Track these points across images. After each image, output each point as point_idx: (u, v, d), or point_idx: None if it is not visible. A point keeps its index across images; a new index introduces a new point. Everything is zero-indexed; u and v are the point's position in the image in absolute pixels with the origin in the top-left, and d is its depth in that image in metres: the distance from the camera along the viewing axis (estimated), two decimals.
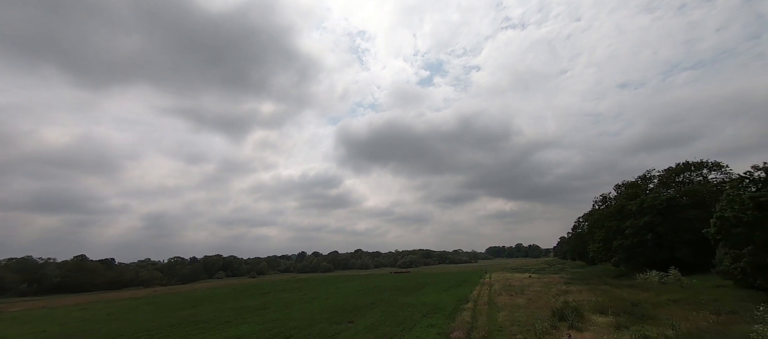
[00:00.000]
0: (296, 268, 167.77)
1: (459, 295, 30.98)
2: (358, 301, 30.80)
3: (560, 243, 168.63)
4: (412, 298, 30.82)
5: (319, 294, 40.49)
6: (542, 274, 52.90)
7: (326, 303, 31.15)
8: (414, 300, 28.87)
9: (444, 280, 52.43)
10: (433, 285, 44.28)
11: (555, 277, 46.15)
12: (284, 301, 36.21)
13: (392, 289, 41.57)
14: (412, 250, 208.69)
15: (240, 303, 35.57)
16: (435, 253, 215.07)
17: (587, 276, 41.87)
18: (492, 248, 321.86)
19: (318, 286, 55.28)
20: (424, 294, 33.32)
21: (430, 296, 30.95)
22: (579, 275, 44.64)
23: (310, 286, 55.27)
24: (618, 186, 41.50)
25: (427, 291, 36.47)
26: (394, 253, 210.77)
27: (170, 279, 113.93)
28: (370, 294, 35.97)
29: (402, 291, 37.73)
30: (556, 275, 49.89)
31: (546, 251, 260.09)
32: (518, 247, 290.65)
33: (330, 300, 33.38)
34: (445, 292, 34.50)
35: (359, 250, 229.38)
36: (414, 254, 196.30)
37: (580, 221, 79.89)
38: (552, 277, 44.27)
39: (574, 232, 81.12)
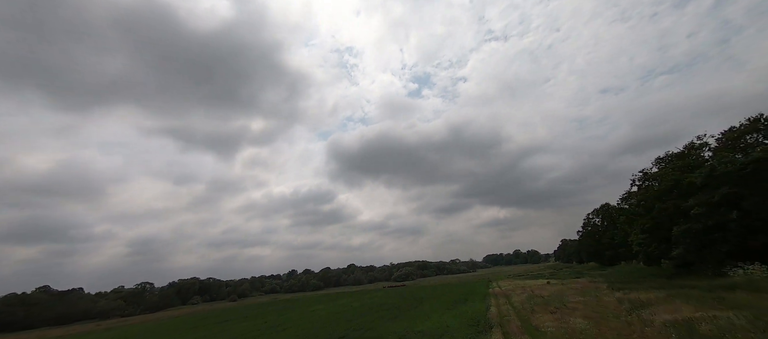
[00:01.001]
0: (283, 288, 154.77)
1: (470, 313, 21.76)
2: (325, 332, 21.24)
3: (562, 246, 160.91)
4: (403, 322, 21.45)
5: (284, 321, 30.65)
6: (563, 280, 43.93)
7: (276, 338, 21.54)
8: (406, 326, 19.51)
9: (445, 294, 42.99)
10: (433, 300, 34.89)
11: (583, 281, 37.22)
12: (231, 335, 26.37)
13: (380, 308, 31.98)
14: (407, 263, 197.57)
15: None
16: (432, 264, 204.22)
17: (630, 278, 33.10)
18: (490, 256, 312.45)
19: (290, 310, 45.07)
20: (421, 315, 23.98)
21: (430, 319, 21.64)
22: (617, 278, 35.75)
23: (282, 311, 44.99)
24: (659, 160, 33.46)
25: (426, 310, 27.10)
26: (389, 267, 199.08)
27: (135, 308, 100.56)
28: (349, 319, 26.42)
29: (392, 311, 28.27)
30: (581, 279, 41.00)
31: (545, 257, 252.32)
32: (516, 253, 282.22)
33: (288, 331, 23.72)
34: (449, 310, 25.21)
35: (352, 265, 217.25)
36: (410, 266, 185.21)
37: (590, 218, 71.98)
38: (581, 283, 35.33)
39: (584, 230, 72.97)
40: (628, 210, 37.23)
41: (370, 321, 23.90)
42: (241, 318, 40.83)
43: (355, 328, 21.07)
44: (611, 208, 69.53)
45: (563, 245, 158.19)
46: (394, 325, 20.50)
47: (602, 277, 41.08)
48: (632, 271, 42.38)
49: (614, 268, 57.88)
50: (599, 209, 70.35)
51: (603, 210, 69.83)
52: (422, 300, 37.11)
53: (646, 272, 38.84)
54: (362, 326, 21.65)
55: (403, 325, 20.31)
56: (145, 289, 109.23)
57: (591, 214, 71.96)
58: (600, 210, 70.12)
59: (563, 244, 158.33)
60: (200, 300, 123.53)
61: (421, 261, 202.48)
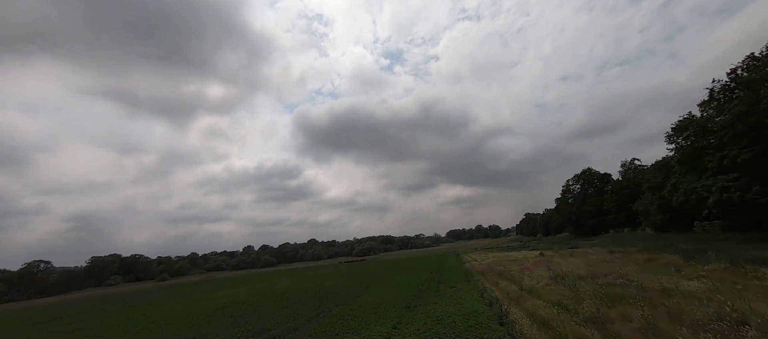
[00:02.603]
0: (230, 265, 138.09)
1: (466, 303, 9.79)
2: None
3: (525, 220, 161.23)
4: (332, 318, 8.86)
5: (156, 314, 17.05)
6: (552, 251, 34.39)
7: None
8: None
9: (410, 269, 31.66)
10: (394, 277, 23.17)
11: (599, 252, 27.37)
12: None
13: (314, 295, 19.47)
14: (370, 237, 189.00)
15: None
16: (396, 239, 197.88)
17: (650, 245, 23.51)
18: (453, 231, 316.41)
19: (177, 298, 31.29)
20: (367, 305, 11.70)
21: (381, 324, 9.29)
22: (649, 245, 26.00)
23: (156, 302, 31.01)
24: (705, 103, 22.48)
25: (378, 291, 14.99)
26: (352, 241, 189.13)
27: (22, 293, 79.45)
28: (249, 313, 13.61)
29: (328, 300, 15.90)
30: (581, 250, 31.50)
31: (506, 231, 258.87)
32: (478, 228, 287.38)
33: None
34: (417, 303, 13.20)
35: (313, 241, 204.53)
36: (373, 241, 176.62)
37: (570, 184, 64.98)
38: (598, 254, 25.23)
39: (563, 197, 66.02)
40: (714, 132, 22.06)
41: (279, 320, 11.21)
42: (74, 317, 26.27)
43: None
44: (593, 173, 62.75)
45: (526, 219, 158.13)
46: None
47: (616, 245, 31.79)
48: (654, 238, 33.85)
49: (607, 236, 50.17)
50: (580, 175, 63.33)
51: (585, 176, 62.83)
52: (378, 279, 25.26)
53: (677, 238, 30.15)
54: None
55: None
56: (35, 269, 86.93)
57: (571, 180, 64.97)
58: (582, 175, 63.09)
59: (526, 218, 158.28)
60: (121, 280, 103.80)
61: (385, 235, 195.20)
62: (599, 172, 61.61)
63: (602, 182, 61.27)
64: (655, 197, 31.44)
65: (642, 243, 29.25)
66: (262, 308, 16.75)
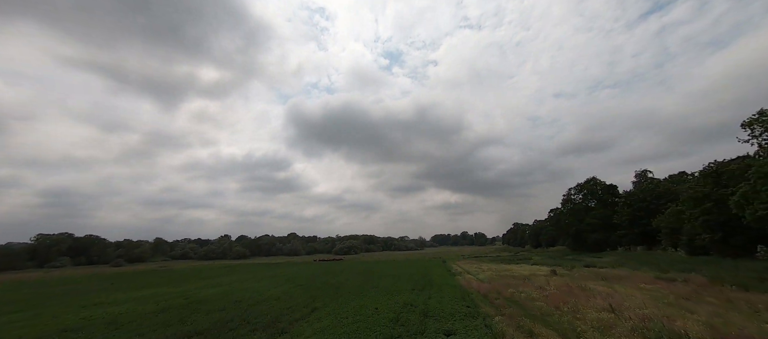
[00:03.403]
0: (198, 254, 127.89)
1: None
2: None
3: (513, 230, 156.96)
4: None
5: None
6: (568, 269, 28.03)
7: None
8: None
9: (387, 279, 24.61)
10: (363, 293, 16.12)
11: (628, 278, 20.96)
12: None
13: (237, 315, 12.08)
14: (352, 235, 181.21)
15: None
16: (379, 239, 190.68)
17: (709, 271, 17.39)
18: (438, 236, 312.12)
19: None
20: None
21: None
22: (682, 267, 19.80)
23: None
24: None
25: (327, 321, 7.77)
26: (333, 239, 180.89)
27: None
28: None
29: (247, 324, 8.60)
30: (607, 272, 25.16)
31: (492, 240, 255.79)
32: (464, 235, 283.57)
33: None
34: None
35: (292, 234, 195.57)
36: (355, 239, 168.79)
37: (571, 194, 59.31)
38: (619, 280, 18.77)
39: (563, 207, 60.27)
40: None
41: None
42: None
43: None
44: (598, 183, 57.24)
45: (514, 229, 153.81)
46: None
47: (649, 267, 25.54)
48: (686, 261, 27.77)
49: (620, 254, 44.44)
50: (584, 184, 57.74)
51: (588, 186, 57.26)
52: (338, 292, 18.13)
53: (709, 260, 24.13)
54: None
55: None
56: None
57: (572, 189, 59.34)
58: (585, 185, 57.50)
59: (515, 228, 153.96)
60: (69, 262, 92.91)
61: (368, 235, 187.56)
62: (604, 183, 56.18)
63: (606, 194, 55.83)
64: (697, 211, 25.59)
65: (680, 265, 23.03)
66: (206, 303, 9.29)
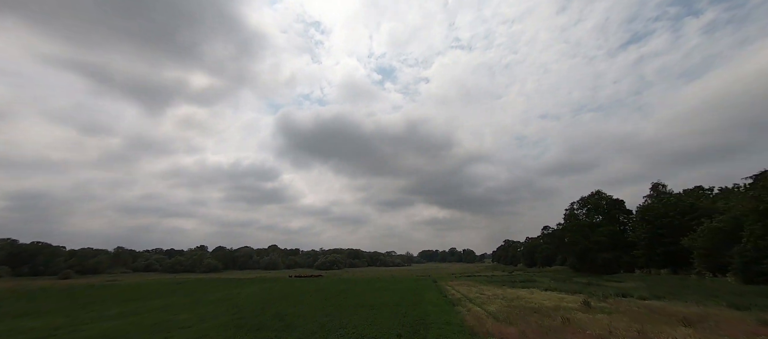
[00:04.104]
0: (164, 266, 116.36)
1: None
2: None
3: (503, 247, 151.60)
4: None
5: None
6: (583, 292, 21.86)
7: None
8: None
9: (367, 310, 17.77)
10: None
11: (700, 320, 14.89)
12: None
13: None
14: (336, 249, 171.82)
15: None
16: (365, 254, 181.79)
17: None
18: (425, 252, 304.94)
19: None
20: None
21: None
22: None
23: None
24: None
25: None
26: (316, 252, 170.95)
27: None
28: None
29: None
30: (650, 305, 19.10)
31: (480, 257, 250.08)
32: (452, 251, 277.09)
33: None
34: None
35: (273, 247, 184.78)
36: (339, 253, 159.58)
37: (575, 209, 54.10)
38: (694, 325, 12.74)
39: (566, 223, 54.83)
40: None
41: None
42: None
43: None
44: (603, 197, 52.28)
45: (505, 246, 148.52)
46: None
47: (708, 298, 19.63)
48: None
49: (642, 277, 38.34)
50: (588, 198, 52.69)
51: (593, 200, 52.23)
52: (287, 329, 11.35)
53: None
54: None
55: None
56: None
57: (576, 203, 54.20)
58: (589, 199, 52.44)
59: (506, 245, 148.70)
60: (9, 271, 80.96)
61: (353, 249, 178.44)
62: (611, 197, 51.29)
63: (613, 209, 50.84)
64: (759, 227, 20.30)
65: (755, 299, 17.16)
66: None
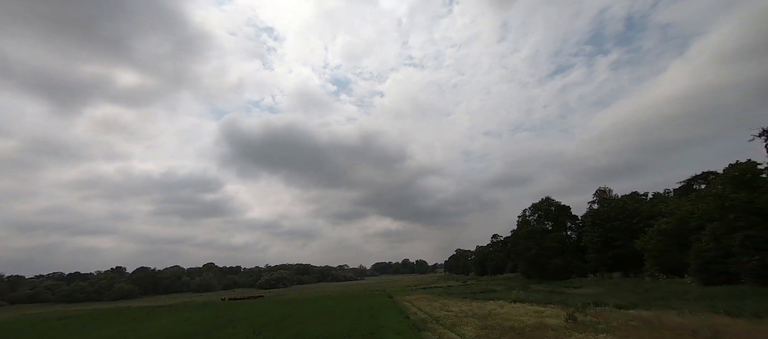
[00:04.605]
0: (58, 294, 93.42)
1: None
2: None
3: (455, 257, 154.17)
4: None
5: None
6: (552, 302, 19.62)
7: None
8: None
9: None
10: None
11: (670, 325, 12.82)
12: None
13: None
14: (282, 265, 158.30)
15: None
16: (315, 269, 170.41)
17: None
18: (378, 264, 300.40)
19: None
20: None
21: None
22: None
23: None
24: None
25: None
26: (260, 270, 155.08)
27: None
28: None
29: None
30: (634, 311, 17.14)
31: (433, 267, 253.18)
32: (405, 262, 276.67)
33: None
34: None
35: (208, 265, 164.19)
36: (286, 270, 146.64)
37: (527, 215, 54.80)
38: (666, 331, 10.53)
39: (519, 230, 55.06)
40: None
41: None
42: None
43: None
44: (552, 203, 53.74)
45: (457, 256, 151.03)
46: None
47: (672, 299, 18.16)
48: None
49: (596, 282, 38.51)
50: (539, 204, 53.77)
51: (543, 206, 53.37)
52: None
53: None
54: None
55: None
56: None
57: (528, 210, 54.99)
58: (540, 205, 53.51)
59: (457, 255, 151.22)
60: None
61: (302, 264, 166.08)
62: (559, 203, 52.91)
63: (562, 215, 52.39)
64: (720, 226, 20.12)
65: (732, 302, 16.07)
66: None
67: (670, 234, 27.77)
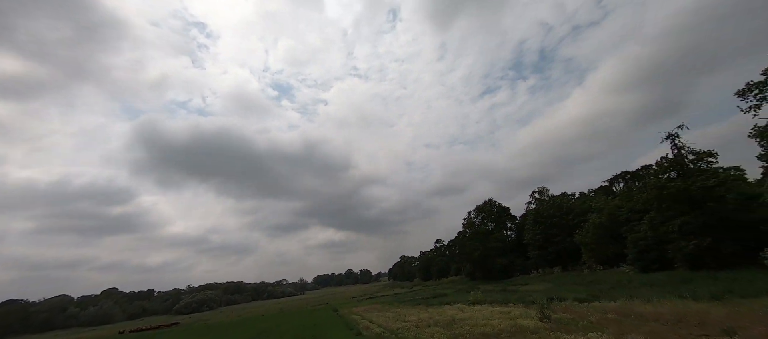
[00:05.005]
0: None
1: None
2: None
3: (399, 264, 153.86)
4: None
5: None
6: (511, 301, 18.49)
7: None
8: None
9: None
10: None
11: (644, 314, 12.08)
12: None
13: None
14: (208, 285, 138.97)
15: None
16: (248, 287, 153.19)
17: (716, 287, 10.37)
18: (320, 277, 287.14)
19: None
20: None
21: None
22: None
23: None
24: None
25: None
26: (179, 292, 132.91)
27: None
28: None
29: None
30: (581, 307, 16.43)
31: (377, 276, 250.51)
32: (348, 273, 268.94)
33: None
34: None
35: (109, 291, 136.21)
36: (213, 290, 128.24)
37: (472, 217, 55.78)
38: (647, 320, 9.68)
39: (465, 232, 55.60)
40: None
41: None
42: None
43: None
44: (493, 204, 55.72)
45: (401, 263, 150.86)
46: None
47: (613, 289, 18.05)
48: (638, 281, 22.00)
49: (541, 277, 39.33)
50: (483, 206, 55.28)
51: (487, 207, 54.99)
52: None
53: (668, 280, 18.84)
54: None
55: None
56: None
57: (473, 212, 56.09)
58: (484, 207, 55.03)
59: (401, 262, 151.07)
60: None
61: (233, 283, 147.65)
62: (501, 205, 55.09)
63: (502, 215, 54.53)
64: (657, 216, 21.47)
65: (682, 287, 16.44)
66: None
67: (604, 227, 29.85)
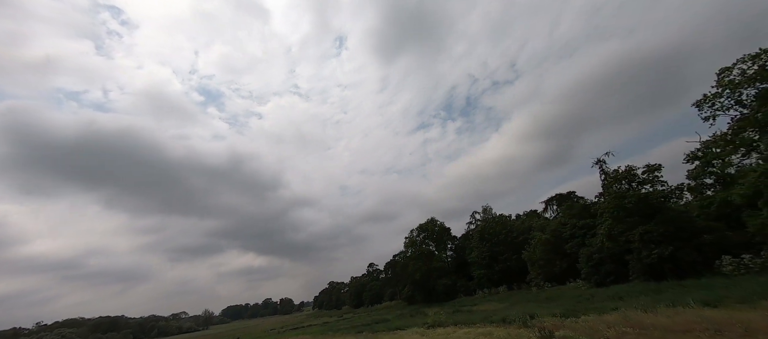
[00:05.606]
0: None
1: None
2: None
3: (327, 290, 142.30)
4: None
5: None
6: (470, 321, 16.05)
7: None
8: None
9: None
10: None
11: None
12: None
13: None
14: (72, 319, 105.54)
15: None
16: (130, 323, 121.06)
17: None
18: (231, 308, 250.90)
19: None
20: None
21: None
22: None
23: None
24: None
25: None
26: (15, 332, 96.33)
27: None
28: None
29: None
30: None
31: (299, 306, 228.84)
32: (266, 303, 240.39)
33: None
34: None
35: None
36: (75, 328, 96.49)
37: (415, 236, 53.52)
38: None
39: (408, 251, 52.72)
40: None
41: None
42: None
43: None
44: (436, 222, 54.90)
45: (329, 290, 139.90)
46: None
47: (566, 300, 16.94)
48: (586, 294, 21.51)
49: (489, 296, 37.62)
50: (426, 224, 53.79)
51: (429, 226, 53.75)
52: None
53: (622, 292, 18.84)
54: None
55: None
56: None
57: (415, 230, 54.00)
58: (426, 225, 53.59)
59: (329, 289, 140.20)
60: None
61: (107, 317, 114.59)
62: (443, 224, 54.56)
63: (443, 235, 53.94)
64: (617, 226, 21.87)
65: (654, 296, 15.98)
66: None
67: (550, 243, 30.57)
